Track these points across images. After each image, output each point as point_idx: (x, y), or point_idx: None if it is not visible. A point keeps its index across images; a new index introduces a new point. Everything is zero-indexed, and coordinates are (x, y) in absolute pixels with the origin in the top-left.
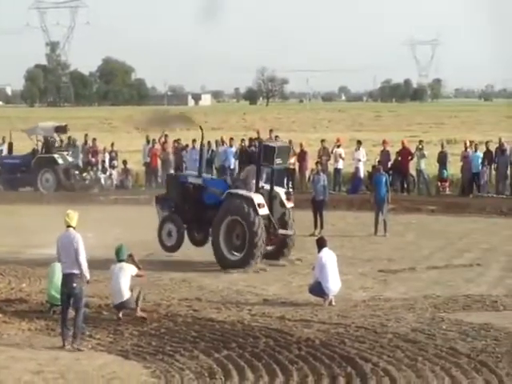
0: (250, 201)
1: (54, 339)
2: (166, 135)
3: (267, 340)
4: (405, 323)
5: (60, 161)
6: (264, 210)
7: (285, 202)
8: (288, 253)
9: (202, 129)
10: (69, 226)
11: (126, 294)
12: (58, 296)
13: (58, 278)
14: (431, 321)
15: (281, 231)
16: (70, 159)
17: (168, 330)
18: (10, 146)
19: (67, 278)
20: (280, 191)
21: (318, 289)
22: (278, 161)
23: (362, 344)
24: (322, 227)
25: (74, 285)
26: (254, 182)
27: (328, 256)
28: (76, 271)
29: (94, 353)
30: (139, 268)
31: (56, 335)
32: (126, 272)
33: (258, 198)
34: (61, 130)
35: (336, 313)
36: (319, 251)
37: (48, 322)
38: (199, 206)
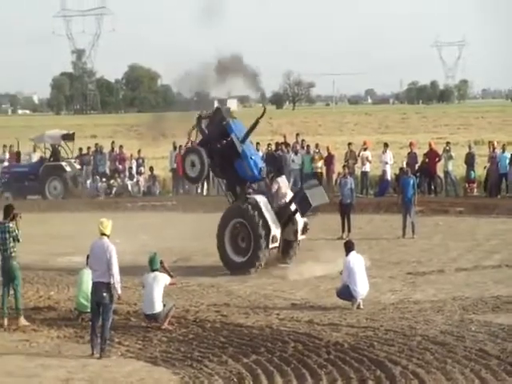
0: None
1: (82, 346)
2: (192, 141)
3: (296, 344)
4: (434, 325)
5: (68, 168)
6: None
7: (299, 233)
8: (293, 254)
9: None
10: (103, 234)
11: (158, 307)
12: (87, 303)
13: (86, 286)
14: (460, 323)
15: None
16: (78, 166)
17: (196, 336)
18: (18, 154)
19: (97, 287)
20: (299, 220)
21: (346, 292)
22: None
23: (391, 347)
24: (349, 230)
25: (104, 294)
26: (286, 192)
27: (356, 259)
28: (106, 280)
29: (122, 360)
30: (171, 276)
31: (85, 342)
32: (160, 282)
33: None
34: (68, 137)
35: (364, 316)
36: (347, 254)
37: (77, 330)
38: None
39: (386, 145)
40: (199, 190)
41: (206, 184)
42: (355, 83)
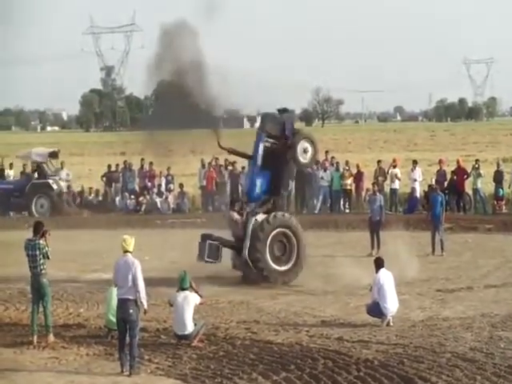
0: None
1: (112, 364)
2: (216, 158)
3: (326, 361)
4: (463, 342)
5: (54, 186)
6: None
7: None
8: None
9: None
10: (126, 251)
11: (189, 328)
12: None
13: (115, 303)
14: (489, 339)
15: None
16: (63, 184)
17: (226, 353)
18: (2, 171)
19: (123, 304)
20: None
21: (376, 309)
22: None
23: (421, 364)
24: (378, 247)
25: (131, 311)
26: None
27: (385, 276)
28: (132, 297)
29: (152, 377)
30: (200, 296)
31: (114, 360)
32: (190, 302)
33: None
34: (53, 155)
35: (394, 333)
36: (377, 271)
37: (106, 347)
38: None
39: (415, 162)
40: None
41: None
42: (384, 100)
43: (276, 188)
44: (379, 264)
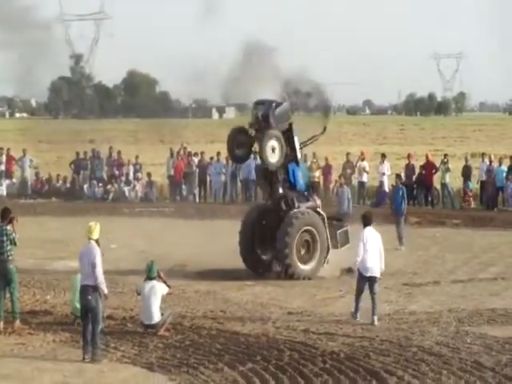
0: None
1: (78, 351)
2: (184, 148)
3: (292, 353)
4: (429, 337)
5: None
6: None
7: None
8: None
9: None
10: (90, 239)
11: (156, 318)
12: None
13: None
14: (456, 334)
15: None
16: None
17: (193, 343)
18: None
19: (84, 290)
20: None
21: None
22: None
23: (387, 357)
24: None
25: (89, 297)
26: None
27: (370, 235)
28: (91, 283)
29: (118, 365)
30: (168, 286)
31: (80, 347)
32: (157, 292)
33: None
34: None
35: (360, 326)
36: (364, 227)
37: (72, 334)
38: None
39: (383, 155)
40: (196, 198)
41: (202, 191)
42: (353, 94)
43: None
44: (367, 220)
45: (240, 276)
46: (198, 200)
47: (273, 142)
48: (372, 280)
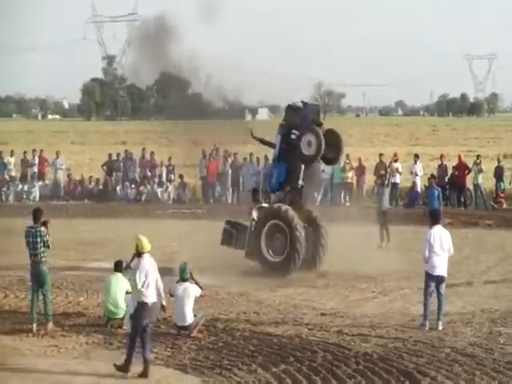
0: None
1: (111, 353)
2: (217, 149)
3: (325, 354)
4: (462, 337)
5: None
6: None
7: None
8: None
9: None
10: (144, 252)
11: (189, 319)
12: (115, 310)
13: (114, 292)
14: (489, 335)
15: None
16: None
17: (226, 344)
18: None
19: (153, 308)
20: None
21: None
22: None
23: (420, 358)
24: (388, 239)
25: (157, 315)
26: None
27: (438, 233)
28: (157, 300)
29: (152, 366)
30: (201, 288)
31: (113, 349)
32: (191, 294)
33: None
34: None
35: (394, 327)
36: (431, 226)
37: (105, 336)
38: None
39: (416, 156)
40: (229, 199)
41: (236, 192)
42: (386, 95)
43: (293, 180)
44: (435, 218)
45: (272, 277)
46: (230, 201)
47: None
48: (440, 280)
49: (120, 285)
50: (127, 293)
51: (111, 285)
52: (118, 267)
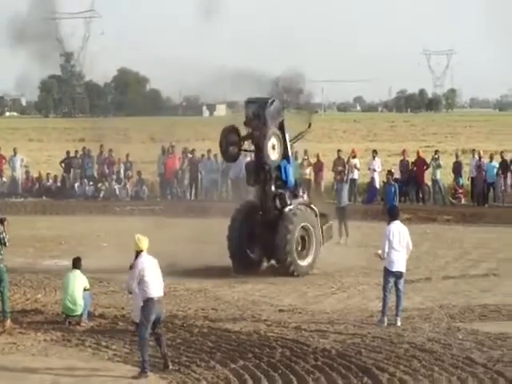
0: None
1: (69, 350)
2: (172, 146)
3: (283, 350)
4: (421, 333)
5: None
6: None
7: None
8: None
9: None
10: (141, 251)
11: None
12: (73, 307)
13: (72, 289)
14: (447, 331)
15: None
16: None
17: (184, 341)
18: None
19: (159, 302)
20: None
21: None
22: None
23: (379, 354)
24: (347, 235)
25: (163, 309)
26: None
27: (396, 229)
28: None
29: (110, 363)
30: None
31: (72, 346)
32: None
33: None
34: None
35: (352, 323)
36: (389, 222)
37: (64, 333)
38: None
39: (374, 152)
40: (187, 195)
41: (193, 188)
42: (344, 90)
43: None
44: (394, 214)
45: (230, 274)
46: (189, 198)
47: (273, 140)
48: (399, 276)
49: (78, 282)
50: (85, 290)
51: (69, 282)
52: (77, 264)
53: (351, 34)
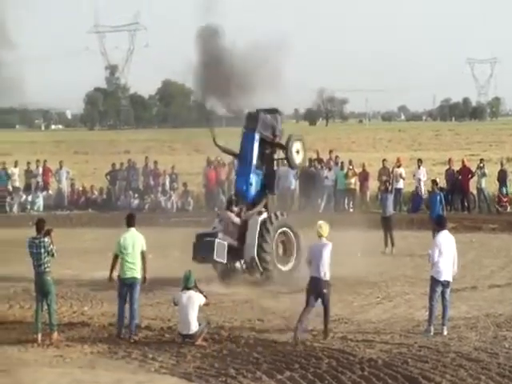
0: None
1: (116, 362)
2: (218, 159)
3: (330, 360)
4: (467, 342)
5: None
6: None
7: None
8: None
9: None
10: (321, 236)
11: (194, 327)
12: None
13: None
14: (494, 339)
15: None
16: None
17: (230, 352)
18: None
19: (314, 281)
20: None
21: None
22: None
23: (425, 364)
24: (393, 245)
25: (325, 290)
26: None
27: (445, 239)
28: (319, 276)
29: (156, 375)
30: (205, 296)
31: (118, 358)
32: (195, 303)
33: None
34: None
35: (398, 333)
36: (438, 232)
37: (110, 345)
38: None
39: (419, 161)
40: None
41: None
42: (388, 100)
43: (269, 187)
44: (441, 224)
45: (274, 285)
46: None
47: (297, 145)
48: (446, 285)
49: (137, 242)
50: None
51: (127, 242)
52: (131, 222)
53: (396, 42)
